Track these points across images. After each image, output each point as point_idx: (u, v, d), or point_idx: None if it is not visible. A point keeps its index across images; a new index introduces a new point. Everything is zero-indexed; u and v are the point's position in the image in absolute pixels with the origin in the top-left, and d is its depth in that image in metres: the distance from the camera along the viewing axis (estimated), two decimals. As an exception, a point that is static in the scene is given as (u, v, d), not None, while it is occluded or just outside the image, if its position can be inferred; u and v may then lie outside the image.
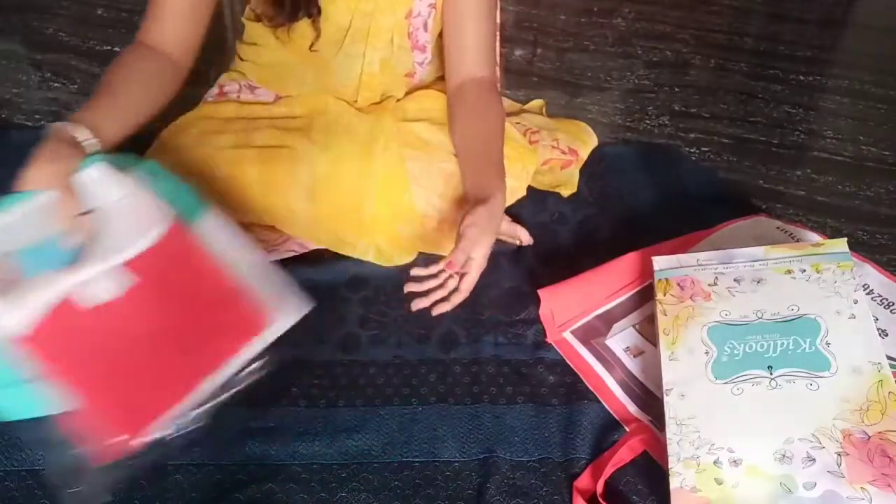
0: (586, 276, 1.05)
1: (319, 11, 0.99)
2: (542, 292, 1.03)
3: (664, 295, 0.95)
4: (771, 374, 0.84)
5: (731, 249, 0.97)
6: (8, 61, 1.60)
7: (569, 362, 1.00)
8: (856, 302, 0.88)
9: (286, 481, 0.85)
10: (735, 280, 0.94)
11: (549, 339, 1.02)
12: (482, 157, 1.01)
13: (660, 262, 0.99)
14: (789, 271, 0.93)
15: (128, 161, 0.80)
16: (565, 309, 1.04)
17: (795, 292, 0.90)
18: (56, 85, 1.54)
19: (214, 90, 1.15)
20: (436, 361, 1.00)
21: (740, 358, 0.87)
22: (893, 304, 1.03)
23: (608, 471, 0.86)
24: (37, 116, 1.45)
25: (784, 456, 0.79)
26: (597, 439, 0.91)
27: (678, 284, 0.95)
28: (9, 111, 1.46)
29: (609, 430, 0.92)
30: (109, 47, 1.67)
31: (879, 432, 0.77)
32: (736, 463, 0.80)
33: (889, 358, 0.95)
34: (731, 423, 0.82)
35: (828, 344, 0.85)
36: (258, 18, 1.03)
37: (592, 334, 1.03)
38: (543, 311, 1.03)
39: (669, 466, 0.81)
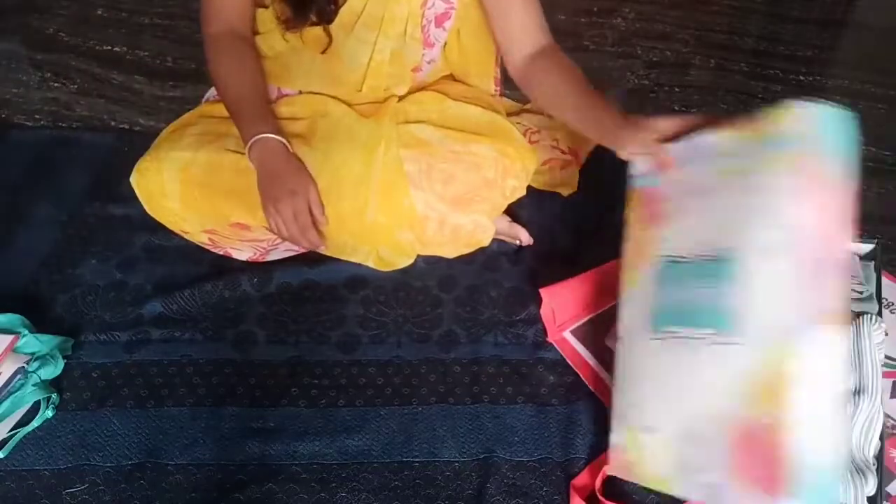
0: (587, 276, 1.05)
1: (333, 19, 1.00)
2: (543, 291, 1.03)
3: (633, 211, 0.86)
4: (695, 332, 0.74)
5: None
6: (8, 61, 1.60)
7: (569, 362, 1.00)
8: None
9: (286, 481, 0.86)
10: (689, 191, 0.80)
11: (550, 339, 1.02)
12: (593, 97, 0.99)
13: (639, 166, 0.87)
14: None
15: None
16: (566, 308, 1.04)
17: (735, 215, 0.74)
18: (56, 85, 1.54)
19: (215, 90, 1.14)
20: (436, 361, 1.00)
21: (677, 309, 0.77)
22: (893, 304, 1.03)
23: (607, 469, 0.86)
24: (37, 116, 1.45)
25: (688, 434, 0.74)
26: (596, 439, 0.91)
27: (647, 200, 0.84)
28: (9, 111, 1.46)
29: (609, 430, 0.92)
30: (109, 47, 1.67)
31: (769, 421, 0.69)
32: (650, 431, 0.77)
33: (889, 358, 0.95)
34: (652, 388, 0.78)
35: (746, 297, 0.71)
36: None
37: (592, 334, 1.03)
38: (545, 310, 1.03)
39: (611, 421, 0.81)
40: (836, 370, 0.69)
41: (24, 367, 0.91)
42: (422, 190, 1.03)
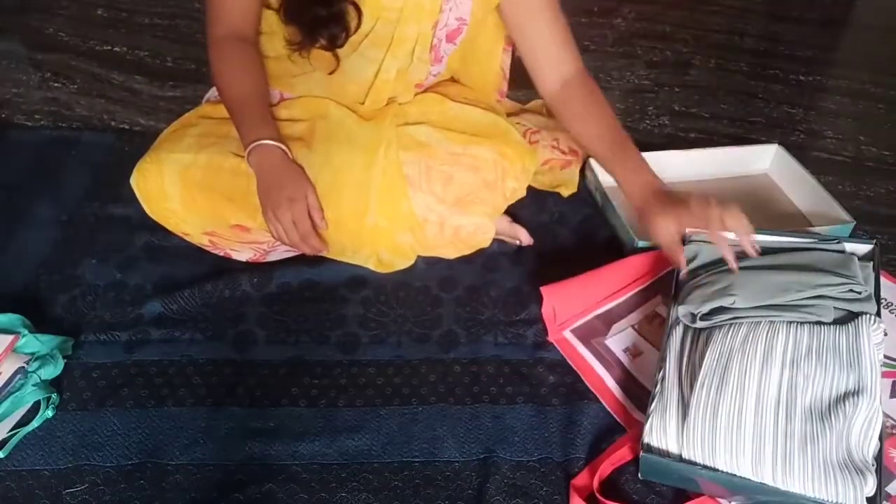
0: (589, 275, 1.05)
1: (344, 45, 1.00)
2: (544, 289, 1.03)
3: None
4: None
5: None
6: (8, 61, 1.60)
7: (569, 361, 1.00)
8: None
9: (286, 481, 0.86)
10: None
11: (550, 338, 1.02)
12: (629, 150, 1.03)
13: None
14: None
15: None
16: (567, 307, 1.04)
17: None
18: (56, 85, 1.54)
19: (215, 91, 1.14)
20: (436, 361, 1.00)
21: None
22: (892, 304, 1.03)
23: (606, 469, 0.86)
24: (37, 116, 1.45)
25: None
26: (596, 439, 0.91)
27: None
28: (9, 111, 1.46)
29: (609, 430, 0.92)
30: (109, 47, 1.67)
31: None
32: None
33: (888, 358, 0.95)
34: None
35: None
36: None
37: (592, 334, 1.03)
38: (546, 309, 1.03)
39: None
40: None
41: (24, 367, 0.91)
42: (421, 192, 1.03)
